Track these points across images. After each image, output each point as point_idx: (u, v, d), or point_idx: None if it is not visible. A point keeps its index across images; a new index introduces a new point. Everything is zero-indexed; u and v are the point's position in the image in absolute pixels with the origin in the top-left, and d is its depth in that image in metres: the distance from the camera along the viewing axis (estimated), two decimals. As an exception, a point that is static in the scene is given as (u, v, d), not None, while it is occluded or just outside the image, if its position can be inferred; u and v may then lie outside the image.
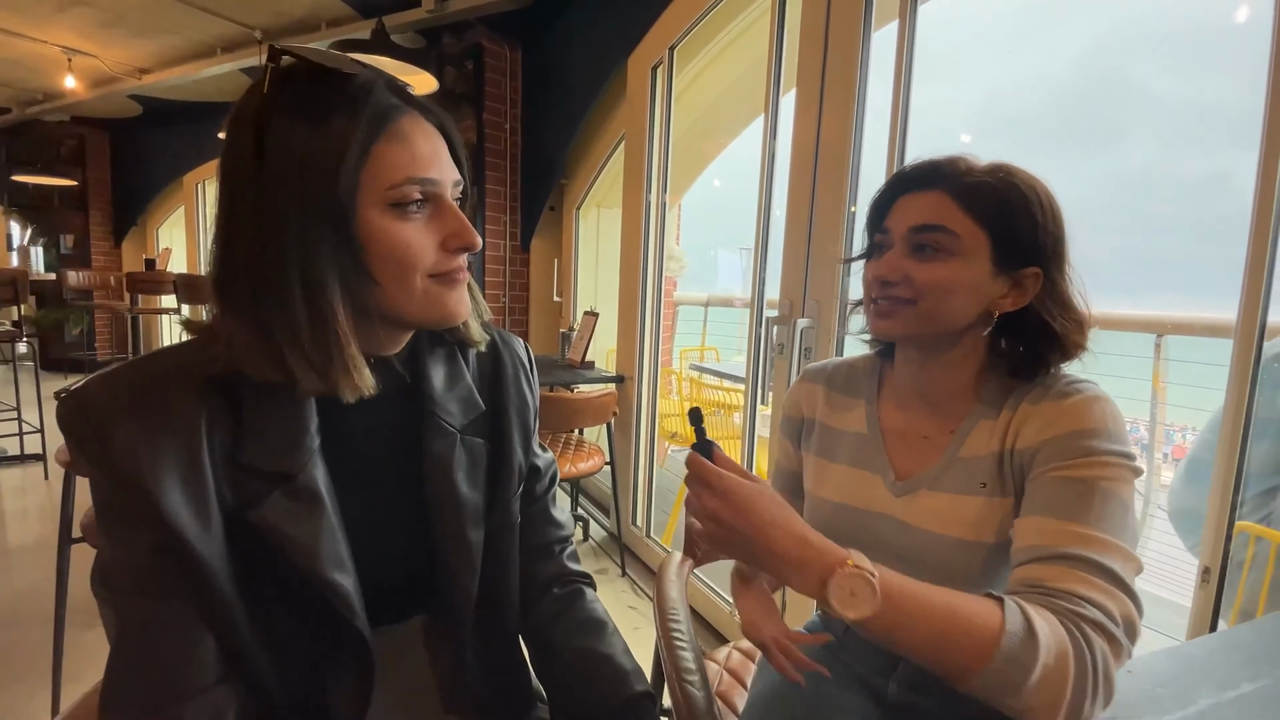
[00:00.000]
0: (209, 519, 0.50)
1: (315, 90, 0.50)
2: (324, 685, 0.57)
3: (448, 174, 0.55)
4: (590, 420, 2.20)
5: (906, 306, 0.66)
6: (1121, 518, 0.57)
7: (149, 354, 0.53)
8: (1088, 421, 0.60)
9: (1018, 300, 0.66)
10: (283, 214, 0.48)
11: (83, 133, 5.95)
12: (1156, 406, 2.49)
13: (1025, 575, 0.56)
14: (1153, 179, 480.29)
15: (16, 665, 1.65)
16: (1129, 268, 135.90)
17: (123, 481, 0.48)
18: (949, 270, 0.64)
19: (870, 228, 0.72)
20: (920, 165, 0.68)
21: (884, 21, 1.44)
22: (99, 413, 0.48)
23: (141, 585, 0.50)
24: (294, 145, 0.48)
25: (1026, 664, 0.49)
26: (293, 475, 0.52)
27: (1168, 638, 1.88)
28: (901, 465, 0.72)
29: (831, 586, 0.50)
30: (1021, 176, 0.65)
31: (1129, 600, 0.53)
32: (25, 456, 3.28)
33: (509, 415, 0.67)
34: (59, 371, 5.81)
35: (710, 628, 1.99)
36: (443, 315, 0.56)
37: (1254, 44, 1.00)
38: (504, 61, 3.12)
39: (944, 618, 0.50)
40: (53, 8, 3.51)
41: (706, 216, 11.35)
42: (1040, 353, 0.67)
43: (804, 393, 0.83)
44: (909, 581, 0.52)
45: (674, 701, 0.73)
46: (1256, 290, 0.93)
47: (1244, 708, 0.57)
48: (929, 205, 0.65)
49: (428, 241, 0.53)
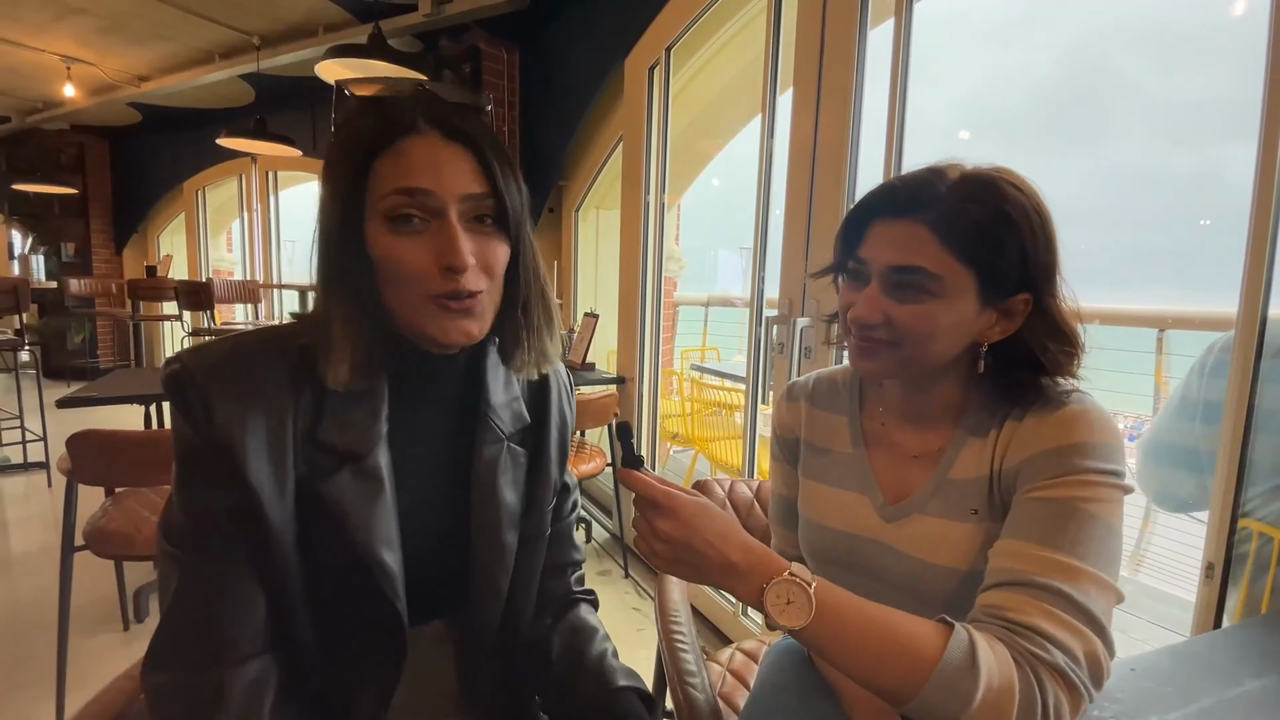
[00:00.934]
0: (284, 486, 0.54)
1: (358, 115, 0.56)
2: (357, 671, 0.58)
3: (449, 187, 0.53)
4: (591, 422, 2.19)
5: (888, 348, 0.62)
6: (1101, 543, 0.53)
7: (246, 333, 0.58)
8: (1072, 436, 0.57)
9: (1006, 329, 0.62)
10: (323, 223, 0.55)
11: (83, 140, 5.96)
12: (1159, 402, 2.49)
13: (990, 601, 0.54)
14: (1141, 175, 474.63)
15: (20, 673, 1.66)
16: (1118, 263, 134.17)
17: (217, 443, 0.52)
18: (931, 312, 0.59)
19: (844, 249, 0.65)
20: (895, 188, 0.62)
21: (880, 20, 1.44)
22: (206, 379, 0.53)
23: (208, 544, 0.54)
24: (331, 159, 0.55)
25: (963, 695, 0.47)
26: (361, 455, 0.56)
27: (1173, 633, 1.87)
28: (890, 486, 0.69)
29: (768, 593, 0.50)
30: (1011, 196, 0.58)
31: (1096, 639, 0.51)
32: (28, 465, 3.29)
33: (550, 430, 0.70)
34: (61, 379, 5.81)
35: (713, 628, 1.99)
36: (437, 338, 0.56)
37: (1241, 37, 0.99)
38: (501, 64, 3.12)
39: (880, 637, 0.49)
40: (51, 16, 3.52)
41: (706, 216, 11.35)
42: (1028, 377, 0.63)
43: (787, 412, 0.80)
44: (850, 597, 0.51)
45: (676, 703, 0.73)
46: (1257, 283, 0.93)
47: (1247, 705, 0.57)
48: (906, 241, 0.59)
49: (425, 258, 0.53)
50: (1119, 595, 0.53)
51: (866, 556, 0.68)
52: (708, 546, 0.52)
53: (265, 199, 5.34)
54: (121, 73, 4.37)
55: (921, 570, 0.64)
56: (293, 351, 0.57)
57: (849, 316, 0.63)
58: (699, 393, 3.09)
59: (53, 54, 4.04)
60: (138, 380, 2.02)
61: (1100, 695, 0.57)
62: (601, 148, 2.82)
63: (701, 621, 2.02)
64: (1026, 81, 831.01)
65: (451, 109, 0.56)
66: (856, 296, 0.63)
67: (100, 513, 1.46)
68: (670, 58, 2.25)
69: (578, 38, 2.84)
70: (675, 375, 3.64)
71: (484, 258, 0.56)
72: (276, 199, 5.39)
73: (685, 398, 3.21)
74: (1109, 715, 0.53)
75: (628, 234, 2.49)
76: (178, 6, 3.36)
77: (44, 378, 5.54)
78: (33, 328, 5.72)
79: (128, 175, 6.21)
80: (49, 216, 5.98)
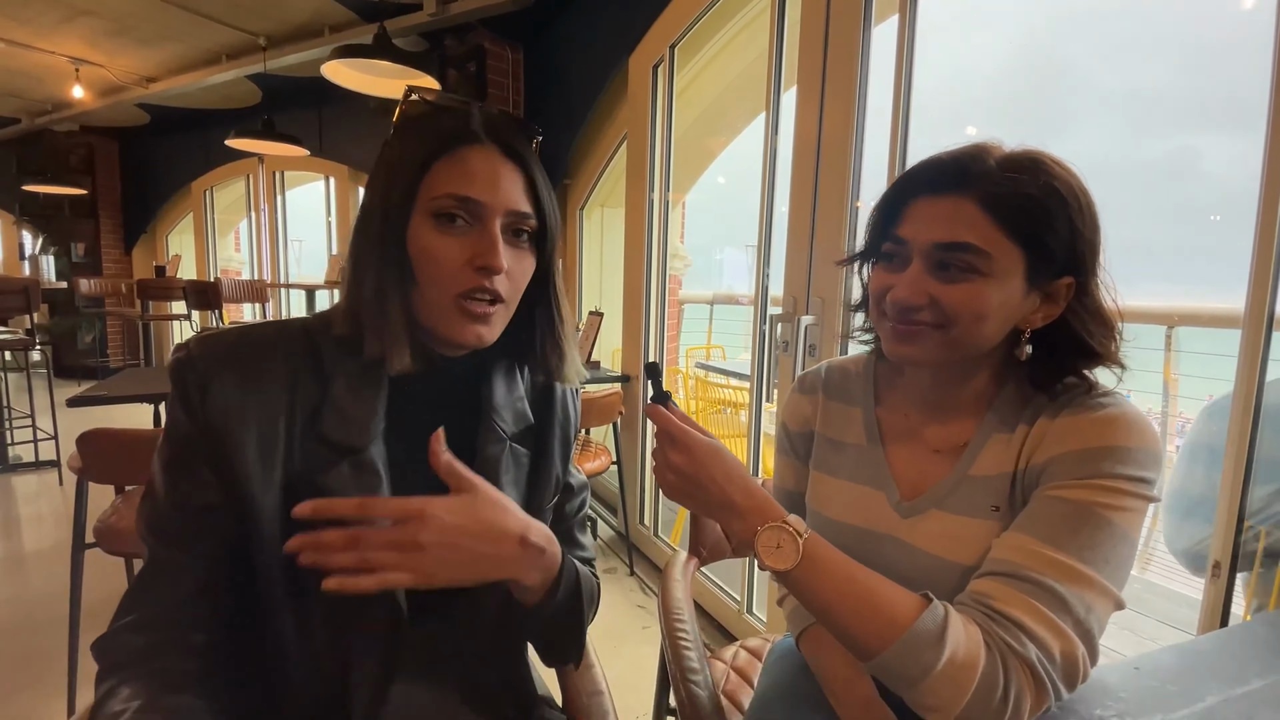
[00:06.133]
0: (273, 475, 0.55)
1: (421, 119, 0.59)
2: (350, 667, 0.59)
3: (501, 201, 0.57)
4: (596, 420, 2.20)
5: (933, 332, 0.59)
6: (1111, 549, 0.52)
7: (257, 323, 0.60)
8: (1107, 439, 0.54)
9: (1049, 315, 0.59)
10: (371, 208, 0.58)
11: (91, 141, 6.01)
12: (1169, 400, 2.47)
13: (978, 588, 0.54)
14: (1110, 165, 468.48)
15: (32, 670, 1.68)
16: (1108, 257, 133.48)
17: (207, 427, 0.54)
18: (980, 292, 0.56)
19: (878, 232, 0.63)
20: (940, 161, 0.59)
21: (884, 17, 1.44)
22: (207, 366, 0.55)
23: (173, 537, 0.55)
24: (389, 156, 0.58)
25: (924, 664, 0.49)
26: (360, 449, 0.57)
27: (1182, 632, 1.86)
28: (906, 481, 0.67)
29: (761, 535, 0.54)
30: (1060, 174, 0.56)
31: (1079, 641, 0.50)
32: (40, 463, 3.32)
33: (553, 430, 0.71)
34: (72, 379, 5.86)
35: (718, 626, 1.99)
36: (450, 336, 0.58)
37: (1192, 27, 0.99)
38: (506, 63, 3.12)
39: (858, 594, 0.52)
40: (59, 18, 3.54)
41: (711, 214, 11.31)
42: (1066, 365, 0.60)
43: (802, 404, 0.78)
44: (840, 555, 0.55)
45: (679, 701, 0.73)
46: (1264, 281, 0.92)
47: (1253, 704, 0.57)
48: (954, 217, 0.56)
49: (459, 257, 0.56)
50: (1119, 603, 0.53)
51: (880, 553, 0.66)
52: (713, 483, 0.56)
53: (272, 198, 5.37)
54: (130, 74, 4.40)
55: (938, 567, 0.62)
56: (300, 343, 0.58)
57: (890, 299, 0.60)
58: (704, 391, 3.09)
59: (61, 56, 4.07)
60: (147, 379, 2.04)
61: (1104, 694, 0.57)
62: (606, 146, 2.82)
63: (706, 619, 2.03)
64: (986, 72, 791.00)
65: (511, 128, 0.60)
66: (895, 279, 0.60)
67: (110, 510, 1.48)
68: (674, 55, 2.25)
69: (582, 36, 2.84)
70: (680, 374, 3.64)
71: (514, 270, 0.59)
72: (284, 198, 5.42)
73: (690, 396, 3.21)
74: (1112, 714, 0.53)
75: (632, 232, 2.49)
76: (185, 8, 3.38)
77: (55, 377, 5.59)
78: (43, 327, 5.78)
79: (136, 176, 6.25)
80: (59, 217, 6.03)
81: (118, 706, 0.49)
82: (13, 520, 2.74)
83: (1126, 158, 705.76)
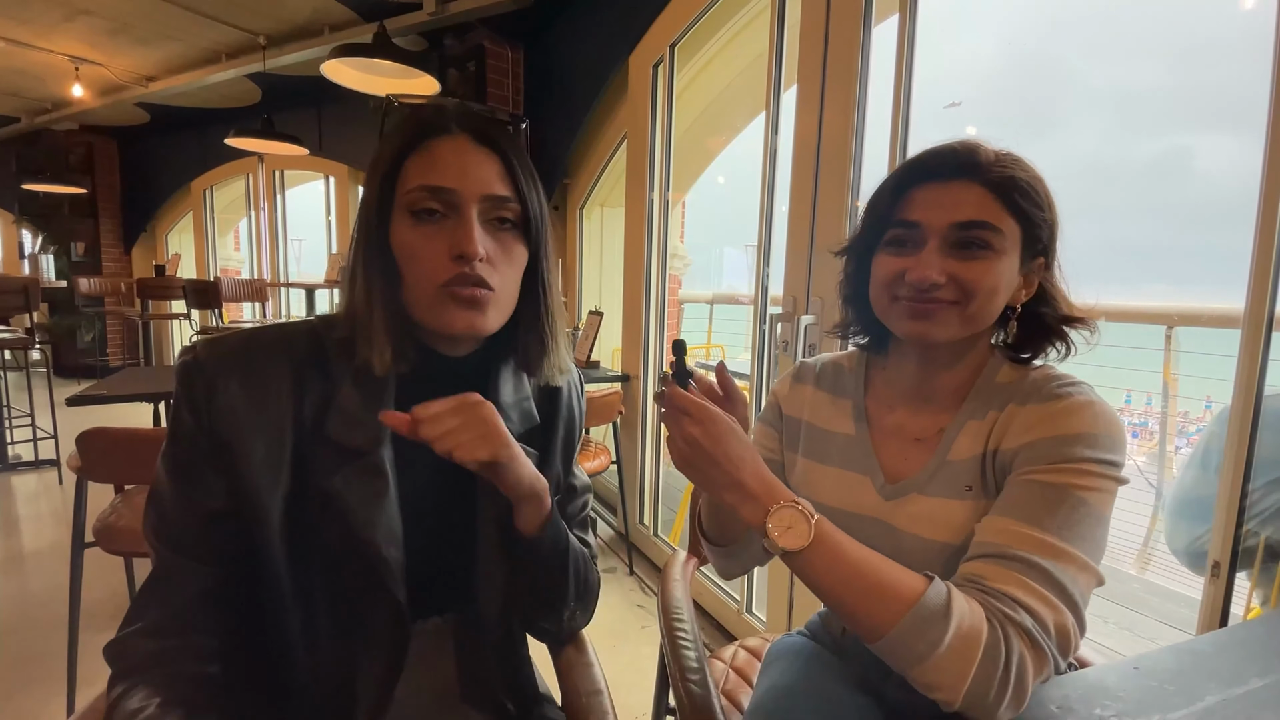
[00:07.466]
0: (279, 477, 0.55)
1: (400, 121, 0.59)
2: (354, 667, 0.59)
3: (472, 187, 0.56)
4: (596, 420, 2.20)
5: (952, 307, 0.63)
6: (1088, 527, 0.55)
7: (263, 327, 0.60)
8: (1074, 426, 0.58)
9: (1029, 292, 0.66)
10: (359, 213, 0.59)
11: (91, 141, 6.01)
12: (1168, 399, 2.47)
13: (969, 570, 0.56)
14: (1099, 164, 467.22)
15: (32, 669, 1.67)
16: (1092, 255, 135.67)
17: (214, 434, 0.54)
18: (993, 267, 0.61)
19: (881, 219, 0.66)
20: (943, 152, 0.64)
21: (884, 16, 1.44)
22: (214, 369, 0.55)
23: (179, 542, 0.55)
24: (371, 162, 0.59)
25: (932, 639, 0.50)
26: (366, 451, 0.57)
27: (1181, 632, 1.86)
28: (891, 467, 0.71)
29: (773, 515, 0.55)
30: (1032, 169, 0.64)
31: (1068, 612, 0.53)
32: (40, 462, 3.32)
33: (557, 429, 0.72)
34: (72, 378, 5.85)
35: (718, 625, 1.99)
36: (442, 327, 0.58)
37: (1180, 26, 0.99)
38: (505, 62, 3.12)
39: (866, 575, 0.54)
40: (59, 17, 3.54)
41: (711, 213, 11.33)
42: (1050, 331, 0.67)
43: (793, 392, 0.82)
44: (848, 538, 0.56)
45: (678, 701, 0.73)
46: (1264, 281, 0.92)
47: (1252, 704, 0.57)
48: (970, 199, 0.61)
49: (439, 249, 0.56)
50: (1099, 578, 0.55)
51: (865, 534, 0.68)
52: (726, 461, 0.56)
53: (272, 198, 5.37)
54: (129, 73, 4.39)
55: (919, 547, 0.65)
56: (305, 347, 0.58)
57: (910, 278, 0.63)
58: (704, 390, 3.08)
59: (61, 55, 4.07)
60: (147, 378, 2.04)
61: (1104, 694, 0.57)
62: (606, 145, 2.82)
63: (705, 618, 2.03)
64: (979, 71, 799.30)
65: (484, 118, 0.59)
66: (909, 261, 0.64)
67: (110, 510, 1.48)
68: (674, 55, 2.25)
69: (582, 36, 2.84)
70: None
71: (499, 255, 0.58)
72: (283, 198, 5.42)
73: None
74: (1111, 714, 0.53)
75: (632, 232, 2.49)
76: (185, 7, 3.38)
77: (54, 376, 5.60)
78: (43, 326, 5.78)
79: (136, 175, 6.25)
80: (58, 216, 6.03)
81: (135, 704, 0.50)
82: (12, 519, 2.74)
83: (1120, 158, 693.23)
